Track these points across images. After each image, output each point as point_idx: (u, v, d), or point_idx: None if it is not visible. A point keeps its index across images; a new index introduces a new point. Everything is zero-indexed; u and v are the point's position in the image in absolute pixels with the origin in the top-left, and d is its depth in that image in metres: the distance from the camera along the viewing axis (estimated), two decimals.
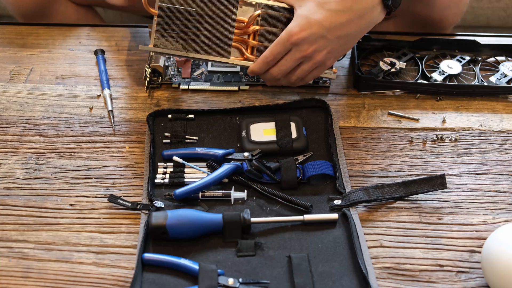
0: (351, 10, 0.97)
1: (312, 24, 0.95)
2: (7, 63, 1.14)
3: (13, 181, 0.94)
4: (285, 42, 0.96)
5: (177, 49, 1.00)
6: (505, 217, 0.90)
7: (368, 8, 0.98)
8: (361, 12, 0.98)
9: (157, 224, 0.85)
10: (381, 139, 1.02)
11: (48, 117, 1.04)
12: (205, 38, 0.99)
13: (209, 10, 0.98)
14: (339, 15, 0.96)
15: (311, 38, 0.96)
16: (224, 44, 1.00)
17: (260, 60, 0.99)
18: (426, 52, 1.15)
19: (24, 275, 0.83)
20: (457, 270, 0.84)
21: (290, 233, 0.88)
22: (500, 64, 1.14)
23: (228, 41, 1.00)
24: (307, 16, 0.96)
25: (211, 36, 0.99)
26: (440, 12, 1.19)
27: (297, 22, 0.96)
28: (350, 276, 0.82)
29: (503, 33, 1.24)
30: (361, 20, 0.98)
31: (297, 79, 1.01)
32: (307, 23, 0.96)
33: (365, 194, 0.91)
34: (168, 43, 0.99)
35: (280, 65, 0.99)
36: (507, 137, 1.02)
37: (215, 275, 0.81)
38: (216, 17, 0.98)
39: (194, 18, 0.98)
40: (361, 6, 0.97)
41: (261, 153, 0.96)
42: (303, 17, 0.96)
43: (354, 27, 0.98)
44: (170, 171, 0.95)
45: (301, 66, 0.99)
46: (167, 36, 0.99)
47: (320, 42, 0.97)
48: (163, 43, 0.99)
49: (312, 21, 0.95)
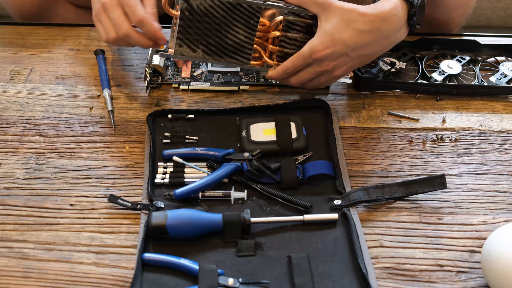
0: (378, 31, 0.96)
1: (336, 42, 0.95)
2: (7, 63, 1.14)
3: (13, 181, 0.94)
4: (307, 57, 0.96)
5: (198, 56, 1.00)
6: (505, 217, 0.90)
7: (395, 30, 0.98)
8: (388, 33, 0.97)
9: (157, 224, 0.85)
10: (381, 139, 1.02)
11: (48, 117, 1.04)
12: (226, 46, 0.99)
13: (232, 18, 0.97)
14: (365, 35, 0.95)
15: (334, 55, 0.96)
16: (245, 52, 1.00)
17: (281, 69, 0.99)
18: (426, 52, 1.15)
19: (24, 275, 0.83)
20: (457, 270, 0.84)
21: (290, 233, 0.88)
22: (500, 64, 1.14)
23: (249, 49, 1.00)
24: (331, 34, 0.94)
25: (233, 43, 0.99)
26: (446, 13, 1.18)
27: (321, 39, 0.95)
28: (350, 276, 0.82)
29: (503, 33, 1.24)
30: (385, 41, 0.98)
31: (312, 86, 1.02)
32: (331, 41, 0.95)
33: (365, 194, 0.91)
34: (189, 51, 0.99)
35: (299, 76, 1.00)
36: (507, 137, 1.02)
37: (215, 275, 0.81)
38: (238, 25, 0.98)
39: (215, 26, 0.97)
40: (389, 27, 0.96)
41: (261, 153, 0.96)
42: (327, 34, 0.95)
43: (378, 47, 0.99)
44: (170, 171, 0.95)
45: (319, 77, 1.00)
46: (188, 42, 0.98)
47: (341, 59, 0.97)
48: (183, 50, 0.99)
49: (336, 39, 0.94)
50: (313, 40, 0.96)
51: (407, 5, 0.98)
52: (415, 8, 0.97)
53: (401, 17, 0.97)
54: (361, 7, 0.95)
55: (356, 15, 0.94)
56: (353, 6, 0.95)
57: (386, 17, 0.95)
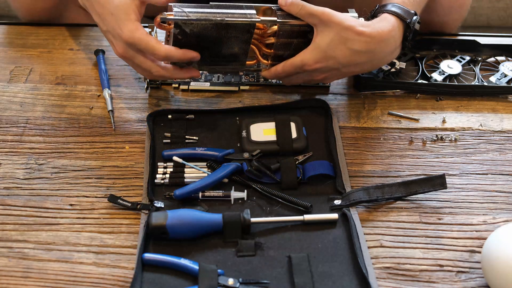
0: (372, 53, 0.96)
1: (328, 58, 0.95)
2: (7, 63, 1.14)
3: (13, 181, 0.94)
4: (298, 67, 0.98)
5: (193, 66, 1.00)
6: (505, 217, 0.90)
7: (390, 52, 0.98)
8: (382, 55, 0.98)
9: (157, 224, 0.85)
10: (381, 139, 1.02)
11: (48, 117, 1.04)
12: (221, 57, 1.00)
13: (226, 35, 0.96)
14: (359, 55, 0.95)
15: (325, 69, 0.97)
16: (239, 60, 1.01)
17: (273, 72, 1.01)
18: (426, 52, 1.15)
19: (24, 275, 0.83)
20: (457, 270, 0.84)
21: (290, 233, 0.88)
22: (500, 64, 1.14)
23: (243, 57, 1.00)
24: (325, 50, 0.95)
25: (227, 54, 0.99)
26: (441, 17, 1.18)
27: (313, 53, 0.96)
28: (350, 276, 0.82)
29: (503, 33, 1.24)
30: (378, 61, 1.00)
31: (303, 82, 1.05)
32: (324, 57, 0.95)
33: (365, 194, 0.91)
34: (184, 64, 0.99)
35: (290, 79, 1.02)
36: (507, 137, 1.02)
37: (215, 275, 0.81)
38: (233, 40, 0.97)
39: (209, 44, 0.97)
40: (384, 49, 0.97)
41: (261, 153, 0.96)
42: (321, 50, 0.95)
43: (369, 66, 1.00)
44: (170, 171, 0.95)
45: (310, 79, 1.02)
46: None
47: (332, 72, 0.98)
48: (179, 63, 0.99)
49: (329, 56, 0.95)
50: (305, 53, 0.96)
51: (403, 26, 0.98)
52: (411, 29, 0.98)
53: (397, 39, 0.98)
54: (360, 26, 0.94)
55: (353, 35, 0.93)
56: (351, 23, 0.94)
57: (384, 39, 0.95)
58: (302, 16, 0.96)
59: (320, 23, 0.95)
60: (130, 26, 0.93)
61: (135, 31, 0.93)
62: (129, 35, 0.93)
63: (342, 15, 0.95)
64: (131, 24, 0.93)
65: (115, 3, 0.94)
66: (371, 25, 0.95)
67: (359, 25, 0.94)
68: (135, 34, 0.93)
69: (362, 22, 0.96)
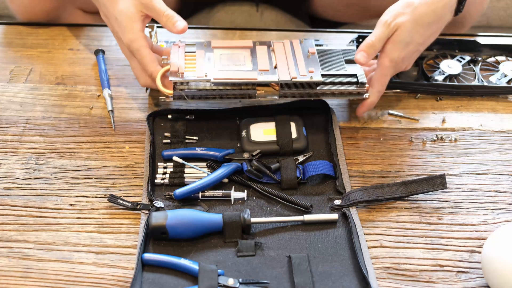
0: (439, 16, 1.01)
1: (408, 44, 0.99)
2: (7, 63, 1.14)
3: (13, 181, 0.94)
4: (390, 69, 0.99)
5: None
6: (505, 217, 0.90)
7: (450, 12, 1.02)
8: (445, 16, 1.02)
9: (157, 224, 0.85)
10: (381, 139, 1.02)
11: (48, 117, 1.04)
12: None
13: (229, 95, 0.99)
14: (430, 27, 1.00)
15: (407, 55, 1.00)
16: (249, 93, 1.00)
17: (376, 95, 1.01)
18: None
19: (24, 275, 0.83)
20: (457, 270, 0.84)
21: (290, 233, 0.88)
22: (500, 64, 1.14)
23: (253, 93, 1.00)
24: (403, 40, 0.98)
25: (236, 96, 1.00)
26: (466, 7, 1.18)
27: (396, 49, 0.98)
28: (350, 276, 0.82)
29: (503, 33, 1.25)
30: (442, 25, 1.03)
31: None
32: (404, 47, 0.98)
33: (365, 194, 0.91)
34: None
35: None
36: (507, 137, 1.02)
37: (215, 275, 0.81)
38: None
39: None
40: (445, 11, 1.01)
41: (261, 153, 0.96)
42: (399, 41, 0.98)
43: (437, 32, 1.04)
44: (170, 171, 0.95)
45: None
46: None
47: (414, 54, 1.02)
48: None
49: (409, 42, 0.98)
50: (389, 53, 0.98)
51: None
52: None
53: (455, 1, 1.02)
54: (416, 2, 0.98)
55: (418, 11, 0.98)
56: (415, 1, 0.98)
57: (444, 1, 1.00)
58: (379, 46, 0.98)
59: (387, 29, 0.97)
60: (130, 35, 0.97)
61: (135, 41, 0.97)
62: (128, 43, 0.97)
63: (397, 7, 0.98)
64: (131, 34, 0.96)
65: (119, 7, 0.97)
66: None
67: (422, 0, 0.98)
68: (133, 43, 0.97)
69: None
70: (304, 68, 0.99)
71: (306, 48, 1.03)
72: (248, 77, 0.97)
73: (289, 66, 0.99)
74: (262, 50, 1.03)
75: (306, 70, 0.98)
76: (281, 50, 1.02)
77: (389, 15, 0.98)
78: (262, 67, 0.99)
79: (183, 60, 0.99)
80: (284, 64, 0.99)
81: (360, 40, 1.12)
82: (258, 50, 1.02)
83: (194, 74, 0.97)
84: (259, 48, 1.02)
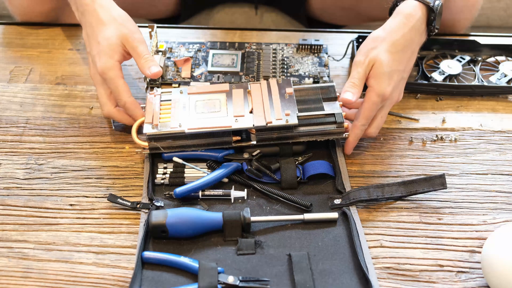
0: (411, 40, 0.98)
1: (393, 74, 0.96)
2: (7, 63, 1.14)
3: (13, 181, 0.94)
4: (378, 104, 0.95)
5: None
6: (505, 217, 0.90)
7: (420, 33, 1.00)
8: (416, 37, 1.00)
9: (157, 222, 0.85)
10: (381, 139, 1.02)
11: (48, 117, 1.04)
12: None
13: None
14: (407, 50, 0.98)
15: (395, 86, 0.97)
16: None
17: (353, 139, 0.96)
18: (426, 52, 1.15)
19: (24, 275, 0.83)
20: (457, 270, 0.84)
21: (290, 231, 0.88)
22: (500, 64, 1.14)
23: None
24: (385, 71, 0.95)
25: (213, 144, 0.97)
26: (452, 15, 1.18)
27: (381, 80, 0.95)
28: (350, 274, 0.82)
29: (503, 33, 1.24)
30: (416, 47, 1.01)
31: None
32: (388, 76, 0.95)
33: (365, 193, 0.91)
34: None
35: (375, 125, 0.98)
36: (507, 137, 1.02)
37: (215, 272, 0.81)
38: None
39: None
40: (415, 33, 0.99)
41: (261, 153, 0.96)
42: (383, 72, 0.95)
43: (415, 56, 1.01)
44: (170, 171, 0.95)
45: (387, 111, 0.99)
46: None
47: (401, 83, 0.99)
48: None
49: (392, 71, 0.95)
50: (377, 86, 0.94)
51: (427, 9, 0.99)
52: (435, 13, 0.98)
53: (422, 21, 0.99)
54: (388, 30, 0.97)
55: (392, 40, 0.96)
56: (381, 34, 0.97)
57: (410, 22, 0.98)
58: (361, 84, 0.96)
59: (362, 67, 0.95)
60: (108, 63, 0.96)
61: (111, 69, 0.96)
62: (103, 70, 0.96)
63: (366, 45, 0.97)
64: (110, 63, 0.96)
65: (105, 34, 0.97)
66: (392, 18, 0.99)
67: (387, 30, 0.97)
68: (109, 71, 0.96)
69: (383, 27, 0.98)
70: (280, 110, 0.95)
71: (284, 88, 0.99)
72: (223, 124, 0.94)
73: (265, 109, 0.96)
74: (238, 94, 0.99)
75: (282, 113, 0.95)
76: (258, 92, 0.99)
77: (360, 54, 0.96)
78: (237, 113, 0.96)
79: (158, 110, 0.97)
80: (260, 108, 0.96)
81: (360, 40, 1.12)
82: (234, 94, 0.99)
83: (168, 125, 0.94)
84: (235, 92, 0.99)
